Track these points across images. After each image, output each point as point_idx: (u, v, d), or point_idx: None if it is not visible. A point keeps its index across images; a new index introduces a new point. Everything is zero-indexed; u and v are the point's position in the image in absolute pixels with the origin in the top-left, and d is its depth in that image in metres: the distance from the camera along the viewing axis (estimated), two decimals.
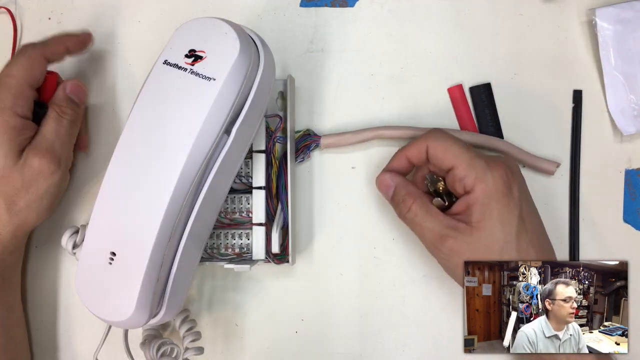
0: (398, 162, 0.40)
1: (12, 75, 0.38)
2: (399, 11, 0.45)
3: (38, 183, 0.39)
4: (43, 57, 0.40)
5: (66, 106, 0.40)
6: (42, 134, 0.39)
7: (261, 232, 0.41)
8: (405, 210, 0.39)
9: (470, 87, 0.44)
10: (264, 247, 0.41)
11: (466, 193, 0.37)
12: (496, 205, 0.36)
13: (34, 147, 0.39)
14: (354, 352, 0.43)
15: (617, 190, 0.43)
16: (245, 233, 0.41)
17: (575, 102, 0.43)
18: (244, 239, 0.41)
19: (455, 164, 0.37)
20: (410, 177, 0.41)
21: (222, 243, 0.42)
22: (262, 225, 0.41)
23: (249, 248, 0.41)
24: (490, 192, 0.36)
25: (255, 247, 0.41)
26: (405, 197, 0.39)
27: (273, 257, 0.41)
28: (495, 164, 0.37)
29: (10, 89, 0.38)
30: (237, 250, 0.41)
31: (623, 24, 0.42)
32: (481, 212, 0.36)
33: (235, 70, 0.34)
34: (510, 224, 0.36)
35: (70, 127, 0.41)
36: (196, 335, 0.41)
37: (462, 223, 0.37)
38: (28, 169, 0.38)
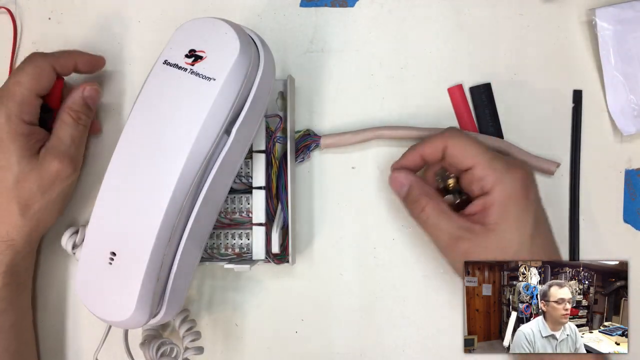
0: (411, 159, 0.40)
1: (20, 83, 0.38)
2: (399, 11, 0.45)
3: (54, 186, 0.39)
4: (52, 67, 0.40)
5: (82, 111, 0.41)
6: (59, 138, 0.40)
7: (261, 232, 0.41)
8: (419, 210, 0.38)
9: (471, 87, 0.44)
10: (264, 247, 0.41)
11: (484, 194, 0.37)
12: (514, 208, 0.36)
13: (51, 151, 0.39)
14: (354, 352, 0.43)
15: (617, 190, 0.43)
16: (245, 233, 0.41)
17: (575, 102, 0.43)
18: (244, 239, 0.41)
19: (474, 164, 0.37)
20: (420, 173, 0.41)
21: (222, 243, 0.42)
22: (262, 225, 0.41)
23: (249, 248, 0.41)
24: (509, 194, 0.36)
25: (255, 247, 0.41)
26: (419, 197, 0.38)
27: (273, 257, 0.41)
28: (515, 167, 0.37)
29: (17, 97, 0.38)
30: (237, 250, 0.41)
31: (623, 24, 0.42)
32: (499, 213, 0.36)
33: (235, 70, 0.34)
34: (525, 227, 0.36)
35: (84, 132, 0.42)
36: (196, 335, 0.41)
37: (477, 224, 0.37)
38: (46, 172, 0.39)
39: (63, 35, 0.46)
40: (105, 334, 0.41)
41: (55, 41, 0.46)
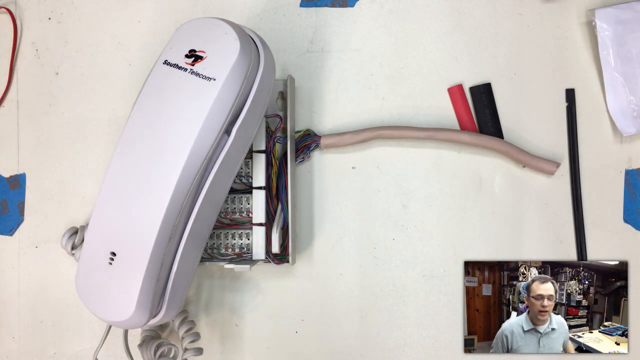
0: None
1: None
2: (399, 11, 0.45)
3: None
4: None
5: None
6: None
7: (261, 232, 0.41)
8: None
9: (471, 87, 0.44)
10: (264, 247, 0.41)
11: None
12: None
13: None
14: (354, 352, 0.43)
15: (617, 190, 0.43)
16: (245, 233, 0.41)
17: (569, 100, 0.43)
18: (244, 239, 0.41)
19: None
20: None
21: (222, 243, 0.42)
22: (262, 225, 0.41)
23: (249, 248, 0.41)
24: None
25: (256, 247, 0.41)
26: None
27: (273, 257, 0.41)
28: None
29: None
30: (237, 250, 0.41)
31: (622, 25, 0.42)
32: None
33: (235, 70, 0.34)
34: None
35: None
36: (195, 337, 0.41)
37: None
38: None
39: (63, 35, 0.46)
40: (105, 334, 0.41)
41: (56, 41, 0.46)
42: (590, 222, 0.43)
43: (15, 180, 0.45)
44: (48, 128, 0.45)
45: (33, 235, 0.45)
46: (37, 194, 0.45)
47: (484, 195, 0.43)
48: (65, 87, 0.45)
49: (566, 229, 0.43)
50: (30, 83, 0.46)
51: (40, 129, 0.45)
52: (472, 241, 0.43)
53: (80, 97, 0.45)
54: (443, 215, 0.43)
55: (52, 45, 0.46)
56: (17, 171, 0.45)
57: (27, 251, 0.45)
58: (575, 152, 0.43)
